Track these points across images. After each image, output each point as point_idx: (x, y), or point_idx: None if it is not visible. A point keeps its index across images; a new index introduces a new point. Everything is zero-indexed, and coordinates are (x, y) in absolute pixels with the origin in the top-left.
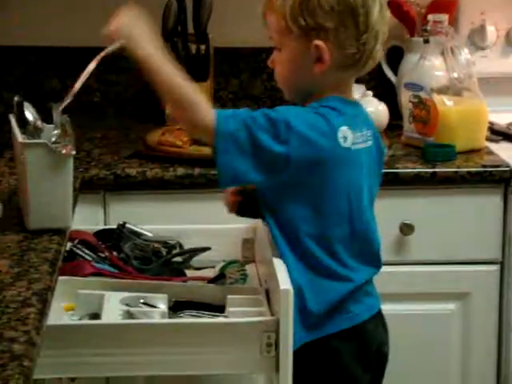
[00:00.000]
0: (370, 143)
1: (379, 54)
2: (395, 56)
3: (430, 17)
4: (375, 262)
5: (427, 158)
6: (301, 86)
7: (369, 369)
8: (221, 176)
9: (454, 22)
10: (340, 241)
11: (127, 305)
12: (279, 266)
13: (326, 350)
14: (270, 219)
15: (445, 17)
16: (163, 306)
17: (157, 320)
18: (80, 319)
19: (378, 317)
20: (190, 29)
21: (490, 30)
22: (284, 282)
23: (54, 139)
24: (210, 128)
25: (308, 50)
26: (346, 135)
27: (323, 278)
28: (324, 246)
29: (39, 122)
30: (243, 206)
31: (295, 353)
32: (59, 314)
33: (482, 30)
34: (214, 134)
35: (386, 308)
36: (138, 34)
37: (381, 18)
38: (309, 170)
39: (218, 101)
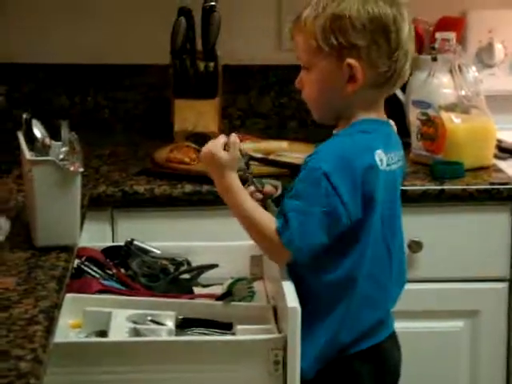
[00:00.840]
0: (400, 163)
1: (408, 72)
2: None
3: (438, 35)
4: (403, 281)
5: (435, 176)
6: (332, 105)
7: None
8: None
9: (461, 40)
10: (376, 262)
11: (134, 322)
12: (287, 284)
13: (347, 370)
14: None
15: (453, 35)
16: (171, 324)
17: (164, 338)
18: (87, 336)
19: (394, 336)
20: (199, 46)
21: (498, 48)
22: (292, 299)
23: (62, 156)
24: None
25: (340, 69)
26: (382, 157)
27: (359, 305)
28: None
29: (47, 139)
30: None
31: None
32: (66, 331)
33: (489, 47)
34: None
35: (396, 326)
36: (227, 163)
37: (410, 36)
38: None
39: (227, 118)
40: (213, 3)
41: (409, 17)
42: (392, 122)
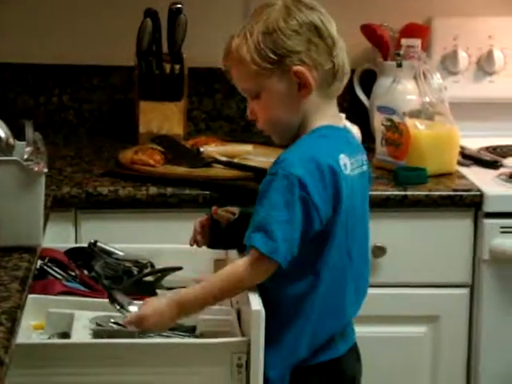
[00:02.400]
0: (365, 168)
1: (348, 67)
2: (368, 79)
3: (404, 41)
4: (364, 291)
5: (399, 181)
6: (291, 120)
7: None
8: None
9: (426, 47)
10: (337, 270)
11: (97, 324)
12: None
13: (305, 382)
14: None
15: (418, 41)
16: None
17: (126, 340)
18: (49, 338)
19: (354, 348)
20: (165, 48)
21: (462, 56)
22: (255, 302)
23: (26, 156)
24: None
25: (288, 80)
26: (345, 162)
27: (321, 313)
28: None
29: (11, 139)
30: (215, 240)
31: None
32: (28, 332)
33: (454, 55)
34: (267, 256)
35: (357, 330)
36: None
37: (338, 32)
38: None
39: (192, 120)
40: (179, 5)
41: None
42: (355, 128)
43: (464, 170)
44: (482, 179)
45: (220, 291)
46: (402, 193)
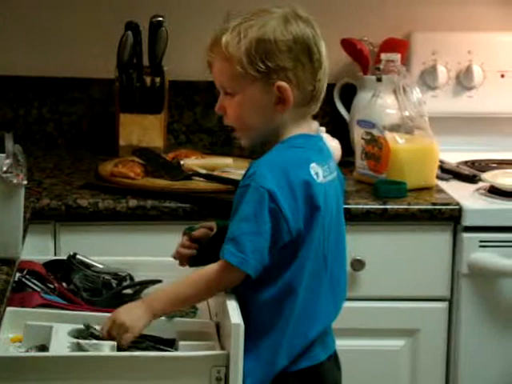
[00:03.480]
0: (335, 174)
1: (325, 88)
2: (348, 93)
3: (383, 56)
4: (342, 295)
5: (378, 195)
6: (262, 128)
7: None
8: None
9: (406, 62)
10: (314, 276)
11: (76, 337)
12: (231, 300)
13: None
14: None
15: (397, 56)
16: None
17: (106, 353)
18: (27, 351)
19: (335, 356)
20: (146, 61)
21: (441, 71)
22: (235, 316)
23: (5, 168)
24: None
25: (268, 92)
26: (317, 170)
27: (298, 319)
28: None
29: None
30: (197, 258)
31: None
32: (6, 345)
33: (433, 70)
34: (239, 267)
35: (337, 343)
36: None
37: (326, 55)
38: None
39: (172, 133)
40: (160, 18)
41: (321, 35)
42: (335, 142)
43: (443, 184)
44: (460, 193)
45: (186, 295)
46: (382, 206)
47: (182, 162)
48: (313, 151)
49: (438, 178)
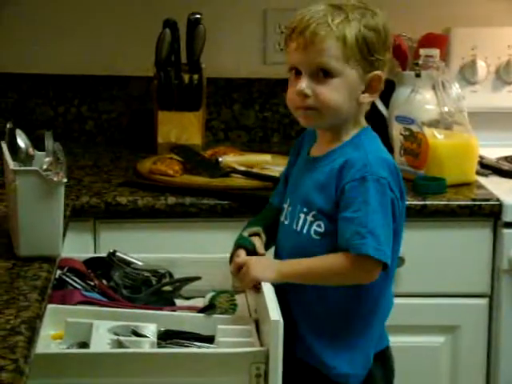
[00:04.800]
0: None
1: None
2: (387, 89)
3: (422, 51)
4: None
5: (418, 191)
6: (344, 113)
7: None
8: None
9: (445, 57)
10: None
11: (116, 334)
12: (270, 297)
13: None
14: None
15: (436, 51)
16: (152, 336)
17: (146, 350)
18: (68, 348)
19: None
20: (184, 59)
21: (481, 65)
22: (274, 312)
23: (45, 166)
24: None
25: (363, 79)
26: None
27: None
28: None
29: (31, 149)
30: None
31: None
32: (47, 342)
33: (472, 65)
34: (379, 261)
35: None
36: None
37: None
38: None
39: (210, 130)
40: (198, 16)
41: None
42: None
43: (483, 180)
44: (500, 189)
45: (314, 276)
46: (421, 202)
47: (220, 159)
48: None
49: (478, 173)
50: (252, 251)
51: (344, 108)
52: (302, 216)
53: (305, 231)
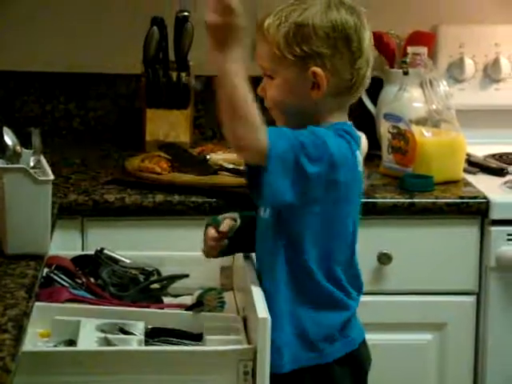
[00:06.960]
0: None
1: (369, 80)
2: (375, 87)
3: (410, 49)
4: (361, 287)
5: (405, 189)
6: (296, 110)
7: None
8: (265, 195)
9: (432, 55)
10: (341, 266)
11: (104, 331)
12: (257, 295)
13: (328, 376)
14: (279, 247)
15: (424, 49)
16: (140, 334)
17: (133, 347)
18: (56, 346)
19: (365, 339)
20: (172, 56)
21: (469, 63)
22: (262, 310)
23: (32, 164)
24: (263, 150)
25: (304, 77)
26: (360, 159)
27: (325, 308)
28: (327, 273)
29: (18, 147)
30: (225, 249)
31: (287, 375)
32: (35, 340)
33: (460, 62)
34: (266, 156)
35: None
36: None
37: (370, 44)
38: (328, 189)
39: (199, 128)
40: (186, 13)
41: (368, 24)
42: (363, 135)
43: (470, 178)
44: (488, 186)
45: (235, 88)
46: (409, 200)
47: (208, 157)
48: (355, 140)
49: (466, 171)
50: (219, 231)
51: (292, 106)
52: None
53: (266, 216)
